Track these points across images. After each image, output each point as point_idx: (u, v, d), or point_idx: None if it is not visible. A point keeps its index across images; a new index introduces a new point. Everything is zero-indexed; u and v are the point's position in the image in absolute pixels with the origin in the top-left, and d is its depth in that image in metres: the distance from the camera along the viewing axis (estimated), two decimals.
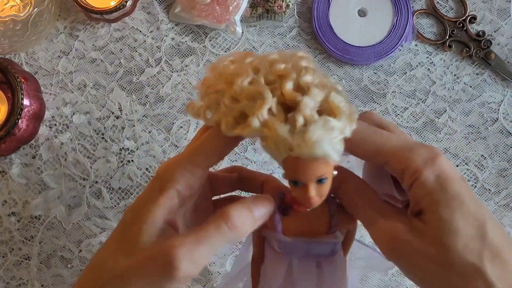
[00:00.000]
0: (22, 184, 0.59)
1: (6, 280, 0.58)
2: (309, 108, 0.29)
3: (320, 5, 0.62)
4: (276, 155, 0.30)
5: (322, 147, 0.28)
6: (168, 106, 0.61)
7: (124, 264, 0.30)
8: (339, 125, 0.29)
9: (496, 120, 0.60)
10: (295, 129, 0.28)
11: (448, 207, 0.30)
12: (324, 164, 0.30)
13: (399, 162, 0.31)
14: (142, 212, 0.32)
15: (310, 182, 0.30)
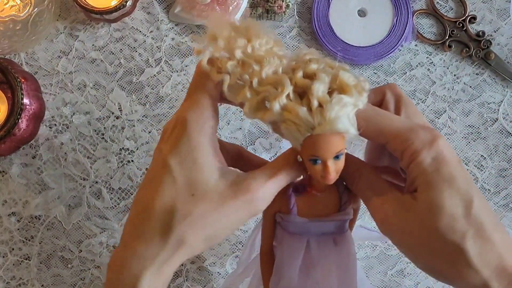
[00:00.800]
0: (22, 184, 0.59)
1: (6, 280, 0.58)
2: (320, 91, 0.31)
3: (320, 5, 0.62)
4: (297, 136, 0.32)
5: (343, 122, 0.31)
6: (168, 106, 0.61)
7: (204, 208, 0.33)
8: (351, 100, 0.31)
9: (496, 120, 0.60)
10: (312, 110, 0.31)
11: (437, 188, 0.31)
12: (342, 139, 0.32)
13: (399, 143, 0.33)
14: (196, 155, 0.33)
15: (329, 159, 0.32)
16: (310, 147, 0.32)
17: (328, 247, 0.37)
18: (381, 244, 0.58)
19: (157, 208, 0.33)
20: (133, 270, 0.33)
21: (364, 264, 0.58)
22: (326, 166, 0.33)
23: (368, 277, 0.58)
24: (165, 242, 0.33)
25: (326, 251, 0.37)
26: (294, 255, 0.37)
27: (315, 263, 0.37)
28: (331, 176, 0.33)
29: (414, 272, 0.58)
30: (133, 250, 0.33)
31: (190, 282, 0.57)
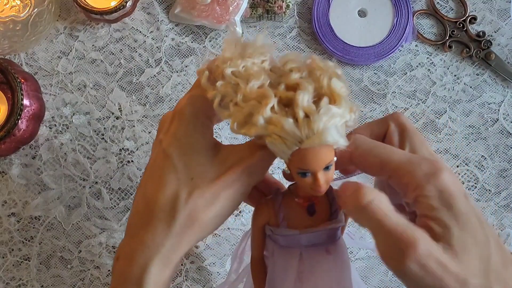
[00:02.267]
0: (22, 184, 0.59)
1: (6, 281, 0.58)
2: (305, 101, 0.30)
3: (320, 6, 0.62)
4: (283, 150, 0.31)
5: (332, 134, 0.30)
6: (168, 107, 0.61)
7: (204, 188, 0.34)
8: (340, 111, 0.30)
9: (496, 121, 0.60)
10: (299, 122, 0.30)
11: (458, 224, 0.29)
12: (331, 151, 0.31)
13: (401, 176, 0.31)
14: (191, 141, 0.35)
15: (319, 170, 0.31)
16: (299, 161, 0.31)
17: (321, 257, 0.36)
18: None
19: (161, 198, 0.34)
20: (141, 261, 0.33)
21: (365, 264, 0.58)
22: (316, 178, 0.32)
23: (368, 277, 0.57)
24: (170, 231, 0.33)
25: (319, 261, 0.36)
26: (287, 269, 0.36)
27: (309, 275, 0.36)
28: (322, 188, 0.32)
29: None
30: (140, 241, 0.34)
31: (189, 282, 0.57)
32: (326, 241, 0.37)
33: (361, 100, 0.61)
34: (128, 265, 0.34)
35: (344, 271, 0.37)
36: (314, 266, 0.36)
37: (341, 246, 0.37)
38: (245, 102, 0.31)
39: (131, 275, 0.33)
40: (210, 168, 0.34)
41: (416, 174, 0.31)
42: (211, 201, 0.34)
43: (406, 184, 0.31)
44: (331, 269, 0.36)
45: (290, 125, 0.30)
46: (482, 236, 0.30)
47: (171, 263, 0.34)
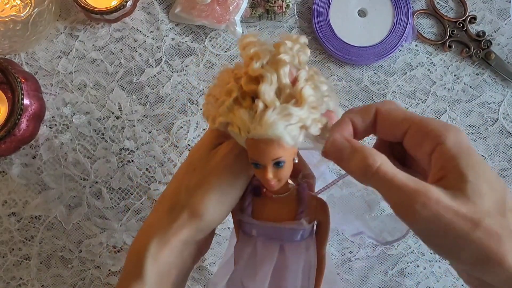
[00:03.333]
0: (22, 184, 0.59)
1: (6, 280, 0.58)
2: (266, 94, 0.31)
3: (320, 5, 0.62)
4: (239, 138, 0.33)
5: (276, 129, 0.31)
6: (168, 106, 0.61)
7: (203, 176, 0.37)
8: (299, 113, 0.32)
9: (496, 121, 0.60)
10: (256, 113, 0.31)
11: (474, 171, 0.31)
12: (279, 147, 0.32)
13: (423, 126, 0.33)
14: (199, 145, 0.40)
15: (268, 164, 0.33)
16: (249, 150, 0.33)
17: (272, 253, 0.37)
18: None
19: (170, 190, 0.38)
20: (143, 238, 0.37)
21: (365, 264, 0.58)
22: (265, 171, 0.33)
23: (368, 277, 0.58)
24: (170, 214, 0.37)
25: (269, 256, 0.37)
26: (242, 253, 0.38)
27: (258, 265, 0.37)
28: (271, 182, 0.34)
29: (414, 272, 0.58)
30: (148, 223, 0.38)
31: (189, 282, 0.57)
32: (284, 239, 0.38)
33: (361, 100, 0.61)
34: (135, 241, 0.38)
35: (294, 274, 0.37)
36: (264, 259, 0.37)
37: (299, 249, 0.38)
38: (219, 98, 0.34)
39: (133, 250, 0.37)
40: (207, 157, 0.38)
41: (438, 124, 0.33)
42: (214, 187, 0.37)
43: (427, 133, 0.33)
44: (278, 267, 0.37)
45: (245, 114, 0.32)
46: (497, 183, 0.31)
47: (170, 244, 0.36)
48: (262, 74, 0.32)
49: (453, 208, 0.30)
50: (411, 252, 0.58)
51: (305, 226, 0.37)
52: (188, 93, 0.61)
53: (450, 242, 0.31)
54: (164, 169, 0.59)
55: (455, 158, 0.31)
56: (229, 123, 0.33)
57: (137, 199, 0.59)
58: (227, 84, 0.34)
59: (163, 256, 0.36)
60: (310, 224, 0.38)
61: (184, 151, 0.60)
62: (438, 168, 0.32)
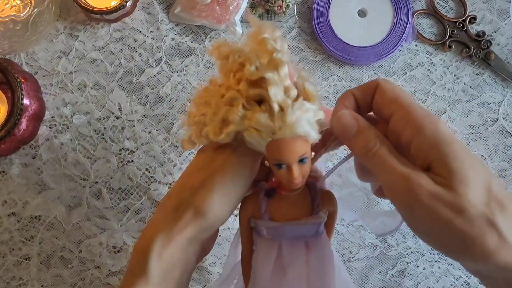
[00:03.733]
0: (22, 184, 0.59)
1: (6, 280, 0.58)
2: (277, 95, 0.32)
3: (320, 6, 0.62)
4: (260, 142, 0.33)
5: (303, 126, 0.32)
6: (168, 106, 0.61)
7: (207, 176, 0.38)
8: (313, 107, 0.33)
9: (496, 121, 0.60)
10: (274, 115, 0.32)
11: (457, 159, 0.31)
12: (304, 143, 0.33)
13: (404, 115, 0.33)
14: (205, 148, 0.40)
15: (293, 163, 0.33)
16: (273, 152, 0.33)
17: (299, 251, 0.37)
18: (381, 244, 0.58)
19: (176, 189, 0.39)
20: (149, 235, 0.37)
21: (365, 264, 0.58)
22: (290, 170, 0.33)
23: (368, 277, 0.58)
24: (175, 213, 0.37)
25: (297, 254, 0.37)
26: (267, 259, 0.37)
27: (287, 267, 0.37)
28: (297, 180, 0.34)
29: (414, 272, 0.58)
30: (153, 221, 0.38)
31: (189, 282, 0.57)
32: (306, 235, 0.38)
33: None
34: (140, 239, 0.38)
35: (323, 266, 0.38)
36: (293, 259, 0.37)
37: (321, 241, 0.38)
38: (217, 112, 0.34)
39: (138, 247, 0.37)
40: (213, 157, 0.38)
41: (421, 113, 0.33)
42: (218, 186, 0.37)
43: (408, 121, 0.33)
44: (308, 263, 0.37)
45: (264, 118, 0.32)
46: (482, 171, 0.32)
47: (175, 242, 0.36)
48: (264, 76, 0.32)
49: (437, 194, 0.30)
50: (411, 253, 0.58)
51: (324, 218, 0.38)
52: (188, 93, 0.61)
53: (434, 228, 0.31)
54: (164, 169, 0.59)
55: (435, 147, 0.32)
56: (246, 129, 0.33)
57: (137, 199, 0.59)
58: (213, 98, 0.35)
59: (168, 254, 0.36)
60: (326, 215, 0.38)
61: (184, 151, 0.60)
62: (422, 158, 0.33)
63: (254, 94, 0.33)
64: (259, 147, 0.34)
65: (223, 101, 0.34)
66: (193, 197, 0.37)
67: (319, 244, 0.38)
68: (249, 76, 0.33)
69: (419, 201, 0.31)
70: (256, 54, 0.33)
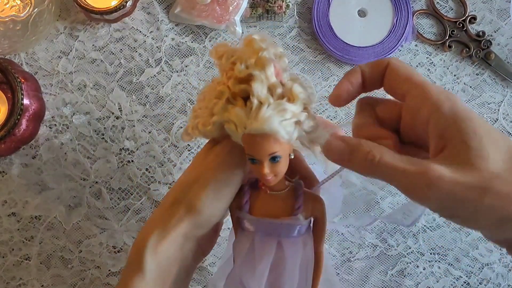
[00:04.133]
0: (22, 184, 0.59)
1: (6, 281, 0.58)
2: (259, 91, 0.33)
3: (320, 6, 0.62)
4: (235, 134, 0.34)
5: (271, 124, 0.32)
6: (168, 106, 0.61)
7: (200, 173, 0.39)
8: (293, 108, 0.33)
9: (496, 121, 0.60)
10: (252, 109, 0.33)
11: (476, 135, 0.31)
12: (275, 142, 0.33)
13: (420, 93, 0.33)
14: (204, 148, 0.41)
15: (264, 159, 0.34)
16: (245, 146, 0.34)
17: (270, 249, 0.38)
18: (381, 244, 0.58)
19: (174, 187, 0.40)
20: (145, 233, 0.38)
21: (365, 264, 0.58)
22: (261, 166, 0.34)
23: (368, 277, 0.58)
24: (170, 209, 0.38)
25: (267, 251, 0.38)
26: (241, 249, 0.39)
27: (257, 261, 0.38)
28: (267, 177, 0.35)
29: (414, 272, 0.58)
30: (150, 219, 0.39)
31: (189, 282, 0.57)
32: (280, 235, 0.38)
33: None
34: (137, 237, 0.38)
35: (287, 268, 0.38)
36: (262, 255, 0.38)
37: (297, 244, 0.38)
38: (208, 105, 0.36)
39: (135, 244, 0.38)
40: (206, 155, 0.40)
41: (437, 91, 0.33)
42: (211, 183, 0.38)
43: (425, 98, 0.33)
44: (276, 262, 0.38)
45: (240, 111, 0.33)
46: (503, 141, 0.31)
47: (170, 237, 0.37)
48: (251, 73, 0.33)
49: (457, 180, 0.30)
50: (411, 253, 0.58)
51: (302, 222, 0.38)
52: (188, 93, 0.61)
53: (464, 213, 0.31)
54: (164, 169, 0.59)
55: (453, 124, 0.31)
56: (225, 122, 0.35)
57: (137, 199, 0.59)
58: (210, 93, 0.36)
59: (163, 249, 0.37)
60: (306, 219, 0.38)
61: (184, 151, 0.60)
62: (437, 138, 0.32)
63: (240, 89, 0.34)
64: (237, 140, 0.35)
65: (213, 95, 0.36)
66: (187, 194, 0.38)
67: (292, 246, 0.38)
68: (237, 74, 0.34)
69: (443, 192, 0.30)
70: (246, 54, 0.34)
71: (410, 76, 0.34)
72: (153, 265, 0.37)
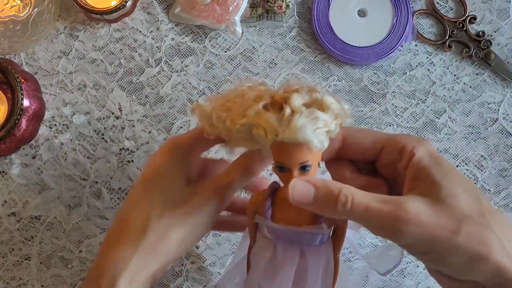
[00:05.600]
0: (22, 184, 0.59)
1: (6, 281, 0.58)
2: (297, 102, 0.33)
3: (320, 5, 0.62)
4: (264, 141, 0.34)
5: (304, 133, 0.32)
6: (168, 106, 0.61)
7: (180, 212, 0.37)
8: (325, 117, 0.33)
9: (496, 121, 0.60)
10: (283, 117, 0.33)
11: (446, 177, 0.33)
12: (307, 151, 0.33)
13: (394, 144, 0.35)
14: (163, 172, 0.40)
15: (294, 168, 0.34)
16: (275, 154, 0.34)
17: (293, 257, 0.37)
18: (382, 244, 0.58)
19: (132, 217, 0.37)
20: (110, 274, 0.35)
21: (365, 264, 0.58)
22: (290, 174, 0.34)
23: (368, 277, 0.58)
24: (138, 248, 0.36)
25: (290, 260, 0.37)
26: (261, 256, 0.38)
27: (278, 269, 0.37)
28: None
29: (414, 272, 0.58)
30: (111, 255, 0.36)
31: (190, 282, 0.57)
32: (303, 243, 0.37)
33: (361, 100, 0.61)
34: (100, 275, 0.36)
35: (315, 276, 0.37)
36: (284, 263, 0.37)
37: (320, 252, 0.38)
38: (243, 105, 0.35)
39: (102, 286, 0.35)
40: (182, 193, 0.38)
41: (409, 139, 0.35)
42: (180, 222, 0.37)
43: (400, 149, 0.35)
44: (301, 270, 0.37)
45: (272, 118, 0.33)
46: (471, 186, 0.33)
47: (138, 280, 0.36)
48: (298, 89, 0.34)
49: (432, 219, 0.31)
50: None
51: (325, 231, 0.37)
52: (188, 93, 0.61)
53: (439, 249, 0.31)
54: None
55: (426, 168, 0.33)
56: (254, 126, 0.34)
57: None
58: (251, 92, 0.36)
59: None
60: (330, 228, 0.37)
61: None
62: (410, 179, 0.34)
63: (281, 97, 0.34)
64: (265, 145, 0.34)
65: (252, 96, 0.35)
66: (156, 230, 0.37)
67: (316, 256, 0.38)
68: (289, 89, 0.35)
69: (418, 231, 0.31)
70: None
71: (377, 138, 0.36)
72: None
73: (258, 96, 0.35)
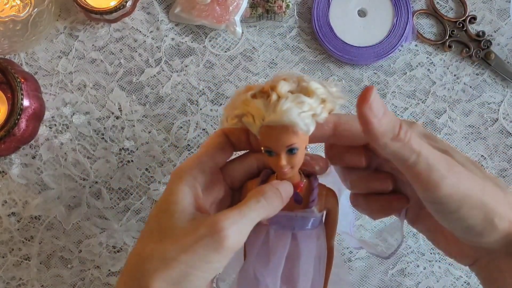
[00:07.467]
0: (22, 184, 0.59)
1: (6, 281, 0.58)
2: (283, 88, 0.34)
3: (320, 5, 0.62)
4: (253, 126, 0.35)
5: (290, 115, 0.33)
6: (168, 106, 0.61)
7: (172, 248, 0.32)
8: (310, 101, 0.34)
9: (496, 121, 0.60)
10: (270, 102, 0.34)
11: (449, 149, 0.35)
12: (293, 134, 0.34)
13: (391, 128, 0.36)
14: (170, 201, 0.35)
15: (281, 151, 0.34)
16: (263, 138, 0.35)
17: (285, 241, 0.38)
18: (382, 243, 0.58)
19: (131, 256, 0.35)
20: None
21: (365, 264, 0.58)
22: (278, 158, 0.34)
23: (368, 277, 0.58)
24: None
25: (282, 244, 0.38)
26: (255, 241, 0.38)
27: (271, 253, 0.38)
28: (284, 169, 0.35)
29: (414, 271, 0.58)
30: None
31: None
32: (295, 227, 0.38)
33: None
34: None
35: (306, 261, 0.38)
36: (277, 247, 0.38)
37: (311, 236, 0.39)
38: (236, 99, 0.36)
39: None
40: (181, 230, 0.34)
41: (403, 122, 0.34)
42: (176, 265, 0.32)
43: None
44: (290, 255, 0.38)
45: (259, 103, 0.34)
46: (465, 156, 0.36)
47: None
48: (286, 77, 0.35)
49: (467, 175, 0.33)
50: (411, 252, 0.58)
51: (316, 214, 0.38)
52: (188, 93, 0.61)
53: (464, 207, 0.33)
54: (164, 169, 0.59)
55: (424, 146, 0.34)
56: (244, 115, 0.35)
57: (137, 199, 0.59)
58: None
59: None
60: (320, 212, 0.39)
61: (183, 151, 0.60)
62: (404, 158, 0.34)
63: (268, 85, 0.35)
64: (253, 131, 0.35)
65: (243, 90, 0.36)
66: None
67: (307, 239, 0.38)
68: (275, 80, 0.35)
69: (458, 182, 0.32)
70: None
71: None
72: None
73: (248, 87, 0.36)
